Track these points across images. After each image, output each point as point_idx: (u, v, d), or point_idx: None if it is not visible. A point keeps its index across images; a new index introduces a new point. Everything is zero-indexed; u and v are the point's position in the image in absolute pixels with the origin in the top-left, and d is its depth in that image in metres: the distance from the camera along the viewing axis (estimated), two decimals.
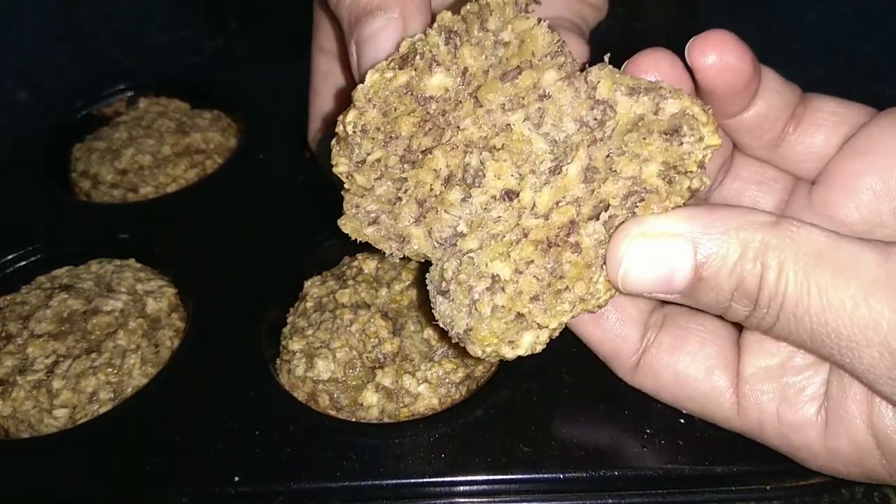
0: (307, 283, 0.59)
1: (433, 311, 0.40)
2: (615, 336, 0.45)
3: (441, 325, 0.40)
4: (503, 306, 0.38)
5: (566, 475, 0.45)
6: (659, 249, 0.35)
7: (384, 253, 0.43)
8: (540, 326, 0.38)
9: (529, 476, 0.46)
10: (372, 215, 0.42)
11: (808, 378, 0.40)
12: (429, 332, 0.53)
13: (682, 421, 0.47)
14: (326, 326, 0.54)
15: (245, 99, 0.80)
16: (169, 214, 0.66)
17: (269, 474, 0.46)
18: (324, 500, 0.46)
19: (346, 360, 0.52)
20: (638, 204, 0.37)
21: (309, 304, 0.57)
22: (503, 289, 0.38)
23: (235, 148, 0.76)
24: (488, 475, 0.46)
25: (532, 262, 0.38)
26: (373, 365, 0.52)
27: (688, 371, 0.43)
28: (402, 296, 0.56)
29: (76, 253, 0.63)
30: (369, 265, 0.58)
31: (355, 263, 0.59)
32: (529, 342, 0.38)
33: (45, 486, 0.47)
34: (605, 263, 0.37)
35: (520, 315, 0.38)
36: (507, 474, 0.46)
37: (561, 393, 0.49)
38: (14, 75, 1.00)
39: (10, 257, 0.62)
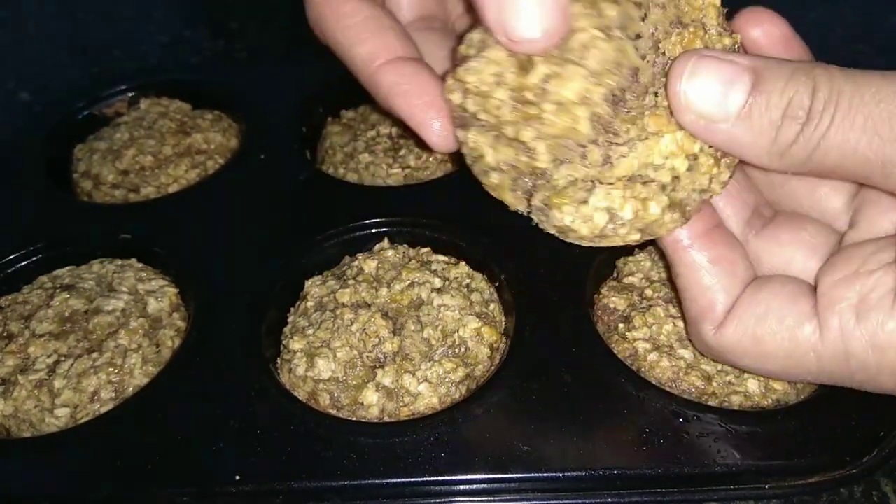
0: (308, 283, 0.59)
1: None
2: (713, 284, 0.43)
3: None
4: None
5: (565, 474, 0.45)
6: (719, 65, 0.37)
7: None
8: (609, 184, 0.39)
9: (529, 475, 0.46)
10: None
11: (881, 279, 0.40)
12: (429, 332, 0.54)
13: (682, 420, 0.47)
14: (327, 326, 0.54)
15: (246, 100, 0.80)
16: (170, 214, 0.66)
17: (269, 473, 0.46)
18: (324, 499, 0.46)
19: (347, 360, 0.52)
20: None
21: (309, 304, 0.57)
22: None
23: (236, 148, 0.76)
24: (488, 474, 0.46)
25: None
26: (373, 364, 0.52)
27: (772, 305, 0.42)
28: (403, 295, 0.56)
29: (78, 253, 0.63)
30: (370, 265, 0.58)
31: (356, 263, 0.59)
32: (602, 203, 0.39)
33: (45, 485, 0.47)
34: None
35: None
36: (507, 473, 0.46)
37: (561, 393, 0.49)
38: (15, 76, 1.00)
39: (11, 257, 0.62)
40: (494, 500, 0.46)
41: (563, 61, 0.39)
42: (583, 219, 0.40)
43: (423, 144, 0.46)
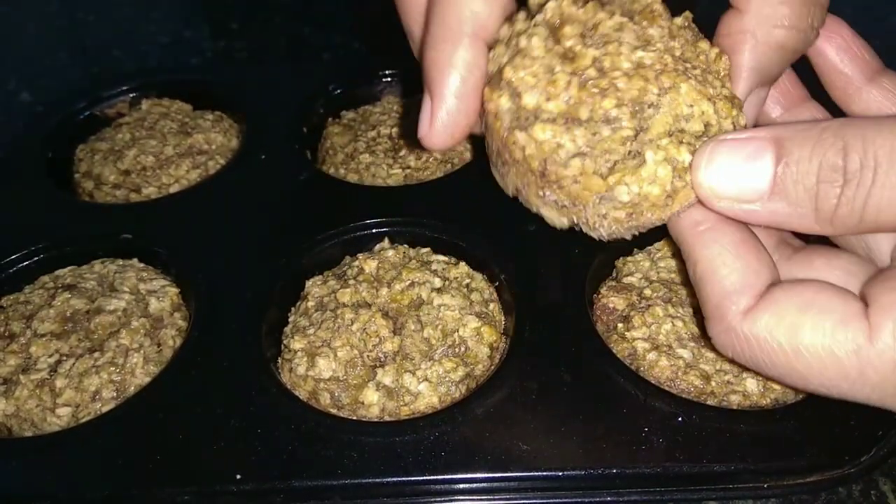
0: (308, 283, 0.59)
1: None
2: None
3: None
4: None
5: (565, 473, 0.46)
6: (736, 145, 0.37)
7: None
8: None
9: (528, 474, 0.46)
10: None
11: None
12: (429, 332, 0.54)
13: (681, 419, 0.47)
14: (328, 325, 0.54)
15: (247, 100, 0.80)
16: (171, 215, 0.66)
17: (270, 472, 0.46)
18: (325, 498, 0.46)
19: (347, 359, 0.52)
20: None
21: (310, 304, 0.57)
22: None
23: (237, 149, 0.76)
24: (488, 473, 0.46)
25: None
26: (373, 364, 0.52)
27: (816, 298, 0.38)
28: (403, 295, 0.56)
29: (79, 253, 0.63)
30: (370, 265, 0.58)
31: (356, 263, 0.59)
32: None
33: (47, 484, 0.47)
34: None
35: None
36: (507, 472, 0.46)
37: (560, 392, 0.50)
38: (16, 76, 1.00)
39: (13, 257, 0.62)
40: (494, 499, 0.47)
41: (603, 43, 0.40)
42: (649, 180, 0.39)
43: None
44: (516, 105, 0.41)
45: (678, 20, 0.43)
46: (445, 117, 0.41)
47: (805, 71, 0.48)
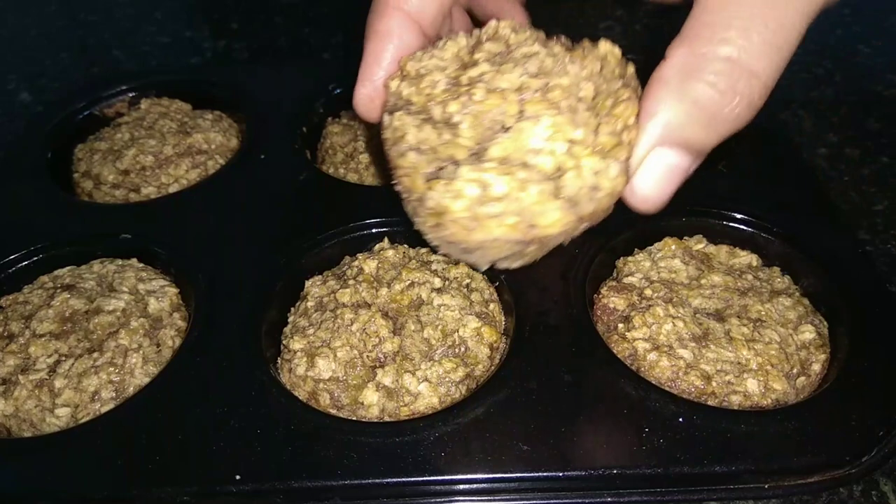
0: (308, 283, 0.59)
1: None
2: None
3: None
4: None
5: (565, 474, 0.46)
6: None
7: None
8: None
9: (529, 475, 0.46)
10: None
11: None
12: (429, 332, 0.54)
13: (681, 420, 0.47)
14: (327, 326, 0.54)
15: (246, 100, 0.80)
16: (171, 214, 0.66)
17: (270, 473, 0.46)
18: (324, 499, 0.46)
19: (347, 360, 0.52)
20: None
21: (310, 304, 0.57)
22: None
23: (237, 148, 0.76)
24: (488, 474, 0.46)
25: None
26: (373, 364, 0.52)
27: None
28: (403, 295, 0.56)
29: (78, 253, 0.63)
30: (370, 265, 0.58)
31: (356, 263, 0.59)
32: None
33: (46, 485, 0.47)
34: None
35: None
36: (507, 473, 0.46)
37: (560, 392, 0.49)
38: (16, 76, 1.00)
39: (12, 257, 0.62)
40: (494, 500, 0.46)
41: (502, 63, 0.41)
42: (453, 193, 0.40)
43: None
44: (396, 91, 0.44)
45: (624, 69, 0.42)
46: (362, 76, 0.47)
47: None
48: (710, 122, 0.39)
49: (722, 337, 0.53)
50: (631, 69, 0.43)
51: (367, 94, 0.47)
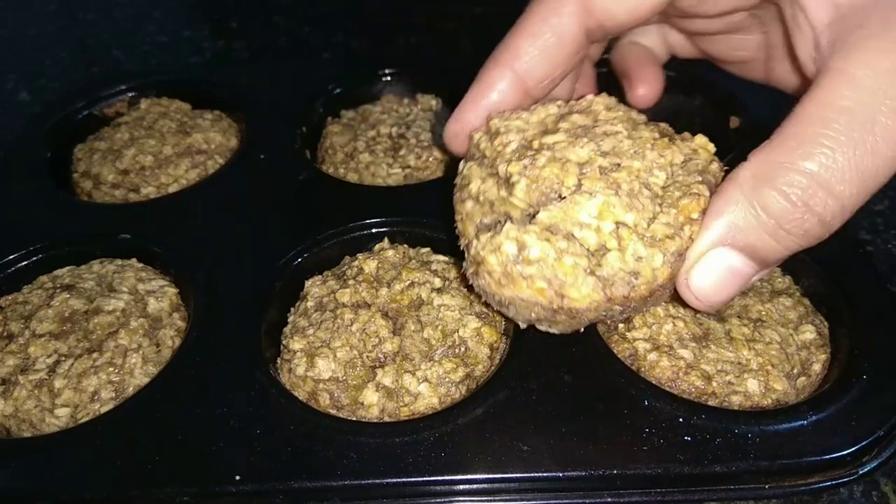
0: (308, 283, 0.59)
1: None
2: None
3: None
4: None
5: (565, 474, 0.45)
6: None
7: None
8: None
9: (529, 475, 0.46)
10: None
11: None
12: (429, 332, 0.54)
13: (681, 420, 0.47)
14: (327, 326, 0.54)
15: (246, 99, 0.80)
16: (170, 214, 0.66)
17: (269, 473, 0.46)
18: (324, 499, 0.46)
19: (347, 360, 0.52)
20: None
21: (309, 304, 0.57)
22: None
23: (236, 148, 0.76)
24: (488, 474, 0.46)
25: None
26: (373, 364, 0.52)
27: None
28: (403, 295, 0.56)
29: (78, 253, 0.63)
30: (370, 265, 0.58)
31: (356, 263, 0.59)
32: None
33: (46, 485, 0.47)
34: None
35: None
36: (507, 473, 0.46)
37: (561, 392, 0.49)
38: (15, 76, 1.00)
39: (11, 257, 0.62)
40: (494, 500, 0.46)
41: (578, 136, 0.43)
42: (493, 247, 0.42)
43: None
44: (476, 143, 0.47)
45: (709, 165, 0.43)
46: (455, 114, 0.50)
47: None
48: (776, 231, 0.38)
49: (722, 337, 0.53)
50: (717, 166, 0.44)
51: (454, 131, 0.51)
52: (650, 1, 0.45)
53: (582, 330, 0.46)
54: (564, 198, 0.41)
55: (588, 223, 0.40)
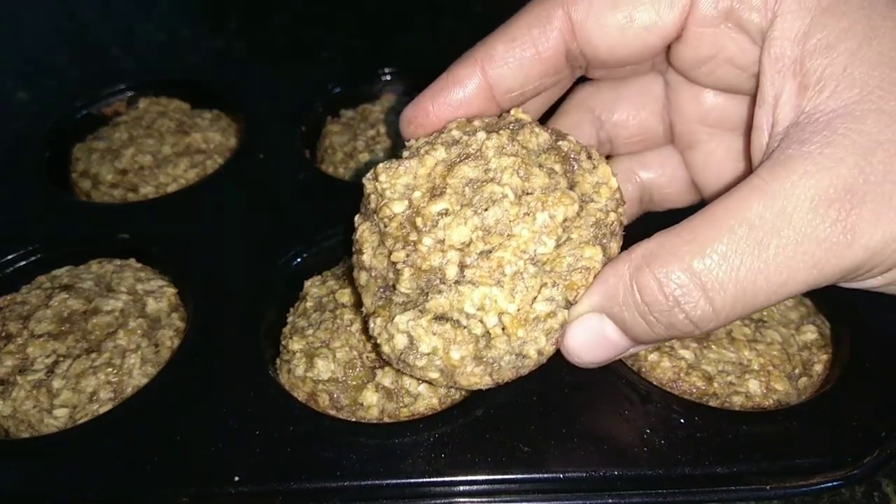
0: (307, 283, 0.59)
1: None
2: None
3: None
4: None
5: (566, 475, 0.45)
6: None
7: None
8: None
9: (529, 476, 0.46)
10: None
11: None
12: None
13: (682, 421, 0.47)
14: (326, 326, 0.54)
15: (245, 99, 0.80)
16: (169, 214, 0.66)
17: (269, 474, 0.46)
18: (324, 500, 0.46)
19: (347, 360, 0.52)
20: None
21: (309, 304, 0.57)
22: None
23: (235, 148, 0.76)
24: (488, 475, 0.46)
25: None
26: (373, 365, 0.52)
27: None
28: None
29: (76, 253, 0.63)
30: None
31: None
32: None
33: (45, 486, 0.47)
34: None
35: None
36: (507, 474, 0.46)
37: (561, 393, 0.49)
38: (14, 75, 0.99)
39: (10, 257, 0.62)
40: (494, 501, 0.46)
41: (464, 206, 0.42)
42: (387, 335, 0.42)
43: None
44: (371, 192, 0.45)
45: (607, 215, 0.42)
46: (416, 100, 0.48)
47: None
48: (647, 316, 0.39)
49: (723, 337, 0.52)
50: (614, 216, 0.43)
51: (408, 116, 0.49)
52: (632, 45, 0.44)
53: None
54: (449, 286, 0.41)
55: (473, 314, 0.40)
